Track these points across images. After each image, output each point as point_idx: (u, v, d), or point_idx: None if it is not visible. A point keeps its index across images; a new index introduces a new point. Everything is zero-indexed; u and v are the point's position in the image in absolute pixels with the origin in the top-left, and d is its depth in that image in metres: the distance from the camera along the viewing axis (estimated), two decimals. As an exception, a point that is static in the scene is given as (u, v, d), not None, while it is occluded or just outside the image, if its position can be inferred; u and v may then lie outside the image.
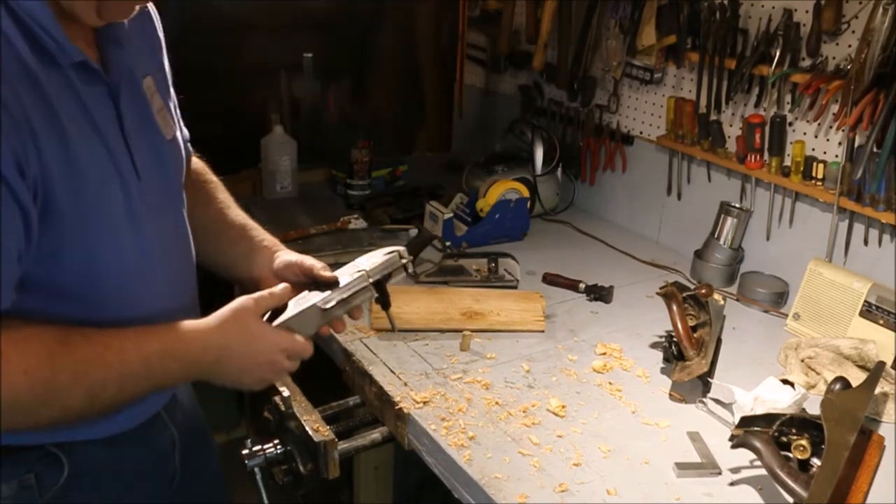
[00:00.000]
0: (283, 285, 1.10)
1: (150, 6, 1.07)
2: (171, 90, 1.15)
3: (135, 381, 0.94)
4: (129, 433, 1.07)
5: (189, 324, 1.00)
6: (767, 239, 1.82)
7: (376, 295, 1.16)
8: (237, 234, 1.24)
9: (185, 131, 1.24)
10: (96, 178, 0.91)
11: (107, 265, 0.96)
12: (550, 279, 1.80)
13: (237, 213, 1.27)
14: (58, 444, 1.00)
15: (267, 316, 1.08)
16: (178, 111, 1.18)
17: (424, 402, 1.30)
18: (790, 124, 1.71)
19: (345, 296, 1.12)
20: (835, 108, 1.60)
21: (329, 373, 1.55)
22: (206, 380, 1.03)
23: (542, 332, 1.57)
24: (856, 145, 1.57)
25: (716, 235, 1.86)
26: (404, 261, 1.18)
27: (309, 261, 1.17)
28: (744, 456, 1.18)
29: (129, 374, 0.92)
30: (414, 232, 1.98)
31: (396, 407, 1.30)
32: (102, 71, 0.93)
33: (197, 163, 1.31)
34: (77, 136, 0.87)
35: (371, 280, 1.14)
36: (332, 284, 1.14)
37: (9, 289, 0.84)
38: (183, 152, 1.14)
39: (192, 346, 0.99)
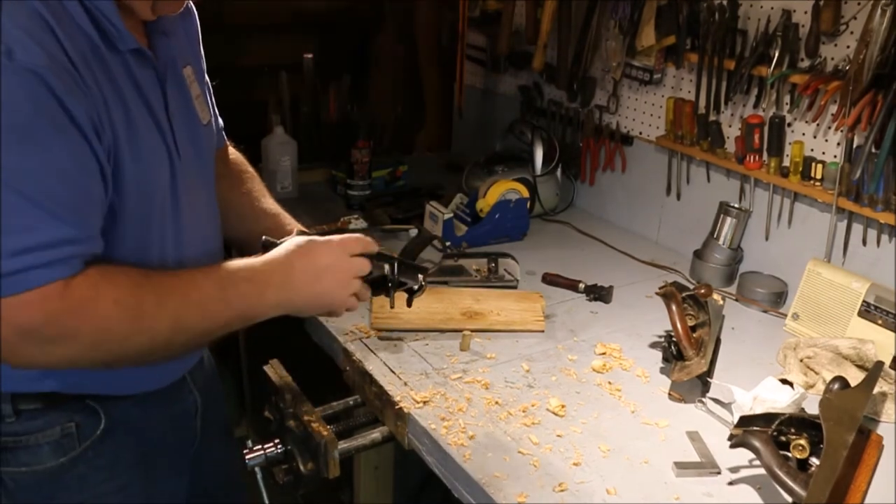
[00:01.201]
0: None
1: (190, 2, 1.19)
2: (207, 78, 1.26)
3: (213, 305, 1.02)
4: (157, 393, 1.18)
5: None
6: (766, 239, 1.83)
7: (388, 275, 1.21)
8: (269, 221, 1.34)
9: (220, 121, 1.36)
10: (151, 150, 1.02)
11: (153, 236, 1.06)
12: (550, 279, 1.80)
13: (271, 203, 1.39)
14: (96, 398, 1.11)
15: None
16: (213, 98, 1.29)
17: (424, 402, 1.31)
18: (789, 125, 1.72)
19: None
20: (833, 108, 1.60)
21: (329, 373, 1.55)
22: (284, 304, 1.08)
23: (542, 332, 1.57)
24: (854, 146, 1.57)
25: (715, 235, 1.86)
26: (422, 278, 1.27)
27: None
28: (743, 455, 1.18)
29: (206, 297, 1.01)
30: (414, 232, 1.98)
31: (396, 407, 1.30)
32: (153, 58, 1.04)
33: (236, 154, 1.42)
34: (136, 111, 0.99)
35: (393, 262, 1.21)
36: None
37: (99, 236, 0.95)
38: (215, 137, 1.25)
39: (256, 265, 1.07)
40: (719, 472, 1.19)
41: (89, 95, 0.90)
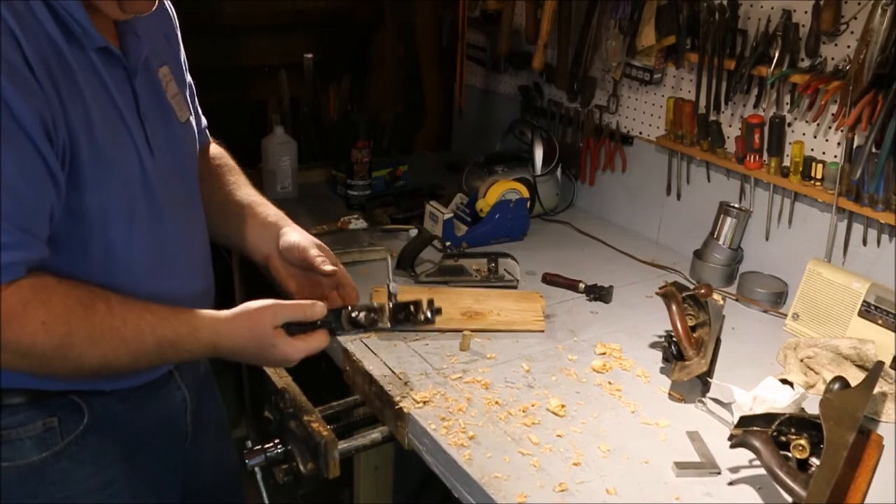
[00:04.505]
0: (318, 305, 1.13)
1: (167, 1, 1.19)
2: (188, 77, 1.25)
3: (148, 359, 1.03)
4: (142, 388, 1.17)
5: (206, 318, 1.06)
6: (766, 239, 1.83)
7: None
8: (245, 212, 1.30)
9: (203, 119, 1.35)
10: (116, 150, 1.00)
11: (124, 237, 1.04)
12: (550, 279, 1.80)
13: (247, 192, 1.34)
14: (79, 393, 1.10)
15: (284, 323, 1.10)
16: (195, 99, 1.28)
17: (424, 402, 1.31)
18: (789, 125, 1.71)
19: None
20: (834, 108, 1.60)
21: (329, 373, 1.55)
22: (216, 345, 1.07)
23: (542, 332, 1.57)
24: (854, 146, 1.57)
25: (715, 235, 1.86)
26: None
27: (312, 250, 1.22)
28: (743, 455, 1.18)
29: (143, 352, 1.01)
30: (414, 232, 1.98)
31: (396, 407, 1.30)
32: (123, 57, 1.03)
33: (217, 148, 1.40)
34: (99, 111, 0.97)
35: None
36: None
37: (41, 242, 0.94)
38: (197, 136, 1.24)
39: (203, 343, 1.06)
40: (719, 473, 1.19)
41: (41, 97, 0.89)
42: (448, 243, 1.92)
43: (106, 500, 1.16)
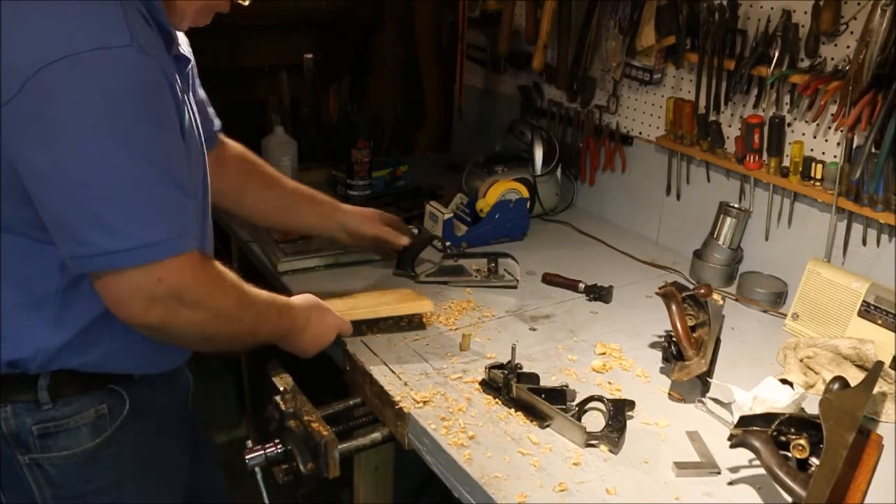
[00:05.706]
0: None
1: None
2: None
3: (270, 314, 1.23)
4: (164, 374, 1.27)
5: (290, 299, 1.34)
6: (766, 239, 1.83)
7: None
8: (310, 200, 1.60)
9: (217, 122, 1.47)
10: (196, 145, 1.12)
11: (203, 230, 1.17)
12: (550, 279, 1.80)
13: (292, 182, 1.61)
14: (117, 381, 1.19)
15: None
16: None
17: (424, 402, 1.31)
18: (789, 125, 1.72)
19: None
20: (833, 108, 1.60)
21: (329, 373, 1.55)
22: (294, 337, 1.33)
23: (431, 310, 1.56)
24: (854, 146, 1.57)
25: (715, 235, 1.86)
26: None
27: (380, 234, 1.66)
28: (743, 455, 1.18)
29: (265, 306, 1.23)
30: (414, 232, 1.98)
31: (396, 407, 1.30)
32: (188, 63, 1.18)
33: (237, 145, 1.53)
34: (186, 109, 1.08)
35: None
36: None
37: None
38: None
39: (294, 310, 1.32)
40: (719, 472, 1.19)
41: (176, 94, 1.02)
42: (448, 243, 1.92)
43: (145, 481, 1.26)
